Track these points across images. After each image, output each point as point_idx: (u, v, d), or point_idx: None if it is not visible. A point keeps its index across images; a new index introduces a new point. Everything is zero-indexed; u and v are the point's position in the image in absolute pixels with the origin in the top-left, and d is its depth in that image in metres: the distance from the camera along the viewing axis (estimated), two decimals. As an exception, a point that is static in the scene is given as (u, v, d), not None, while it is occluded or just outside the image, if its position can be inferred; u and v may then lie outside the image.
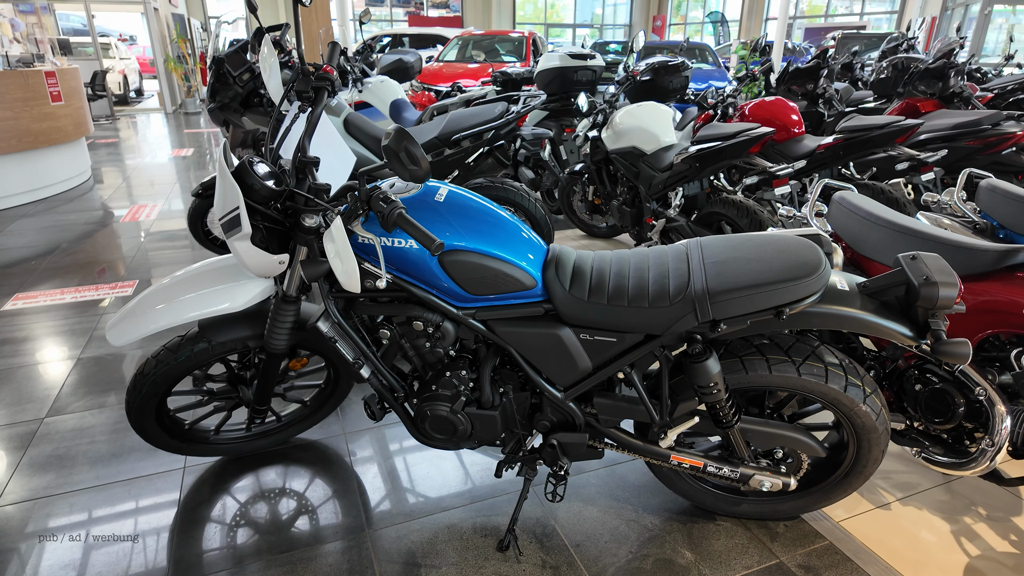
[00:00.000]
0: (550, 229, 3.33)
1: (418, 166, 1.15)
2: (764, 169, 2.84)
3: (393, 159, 1.15)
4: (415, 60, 6.02)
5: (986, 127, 3.28)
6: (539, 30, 24.84)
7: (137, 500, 1.80)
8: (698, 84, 8.87)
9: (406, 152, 1.13)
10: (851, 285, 1.38)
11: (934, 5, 14.54)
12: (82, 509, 1.76)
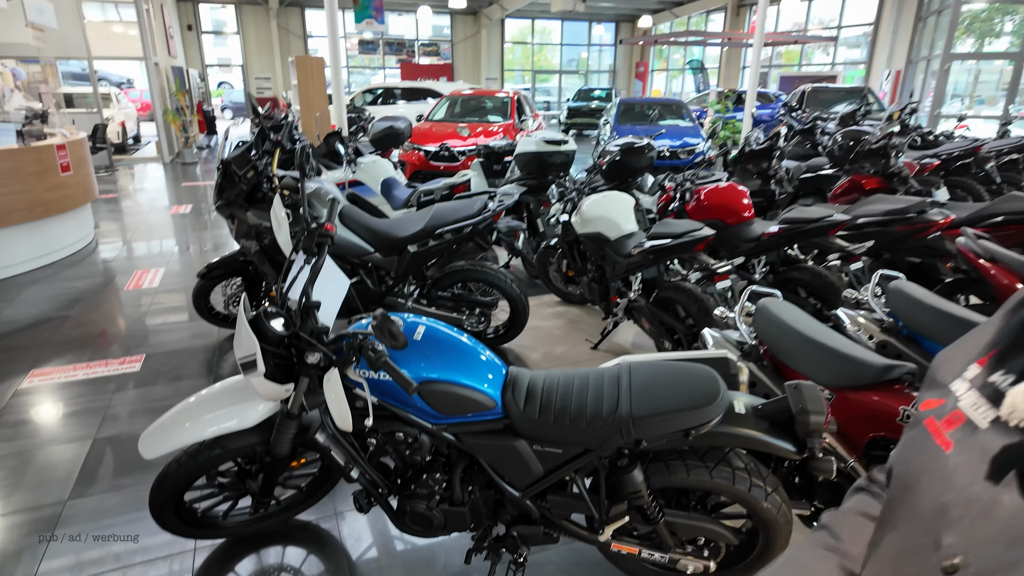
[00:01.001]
0: (526, 308, 3.68)
1: (396, 340, 1.49)
2: (707, 266, 3.21)
3: (380, 334, 1.49)
4: (405, 127, 6.43)
5: (912, 215, 3.68)
6: (526, 75, 25.71)
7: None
8: (673, 141, 9.38)
9: (388, 332, 1.47)
10: (748, 408, 1.72)
11: (899, 59, 15.35)
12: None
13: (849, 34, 17.76)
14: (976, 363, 0.58)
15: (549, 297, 4.77)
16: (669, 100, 11.24)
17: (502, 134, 8.77)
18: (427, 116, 9.98)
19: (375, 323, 1.48)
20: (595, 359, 3.79)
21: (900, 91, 14.88)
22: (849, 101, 12.52)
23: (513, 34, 24.84)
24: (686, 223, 3.28)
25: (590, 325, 4.27)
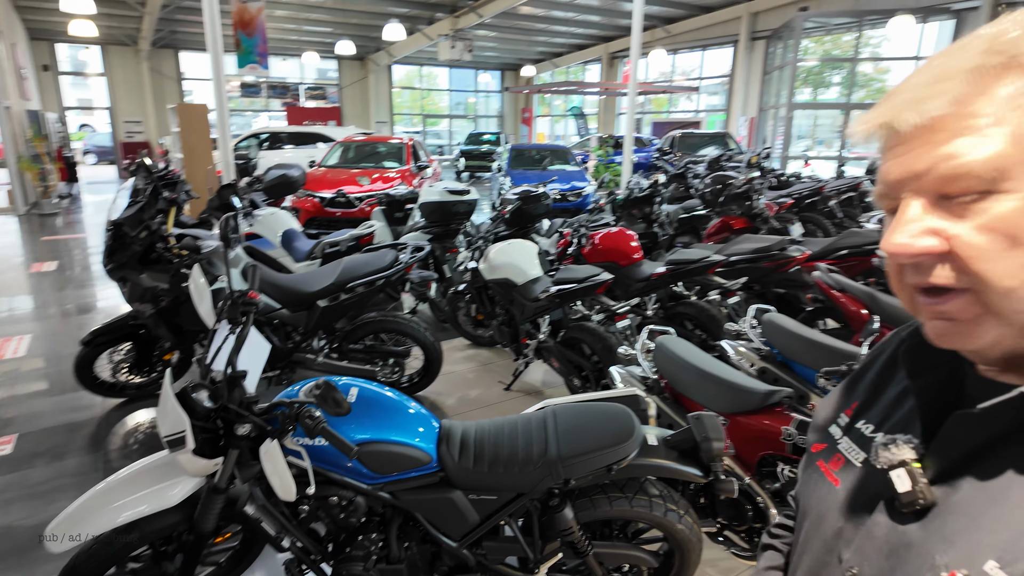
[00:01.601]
0: (440, 354, 3.75)
1: (342, 408, 1.54)
2: (607, 307, 3.48)
3: (324, 403, 1.53)
4: (299, 175, 6.32)
5: (775, 252, 4.20)
6: (415, 119, 26.05)
7: None
8: (563, 185, 9.91)
9: (333, 400, 1.52)
10: (659, 439, 1.92)
11: (752, 106, 17.28)
12: None
13: (709, 84, 19.76)
14: (845, 412, 0.74)
15: (459, 341, 4.87)
16: (556, 146, 11.90)
17: (400, 180, 8.86)
18: (320, 162, 9.86)
19: (319, 392, 1.52)
20: (509, 400, 3.92)
21: (755, 135, 16.71)
22: (714, 145, 13.89)
23: (400, 78, 25.18)
24: (587, 268, 3.55)
25: (501, 367, 4.41)
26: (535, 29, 19.10)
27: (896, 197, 0.55)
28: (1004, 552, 0.50)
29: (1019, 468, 0.52)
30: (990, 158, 0.48)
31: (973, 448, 0.56)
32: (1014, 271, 0.49)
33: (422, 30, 17.36)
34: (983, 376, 0.59)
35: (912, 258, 0.53)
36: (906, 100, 0.52)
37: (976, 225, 0.50)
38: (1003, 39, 0.50)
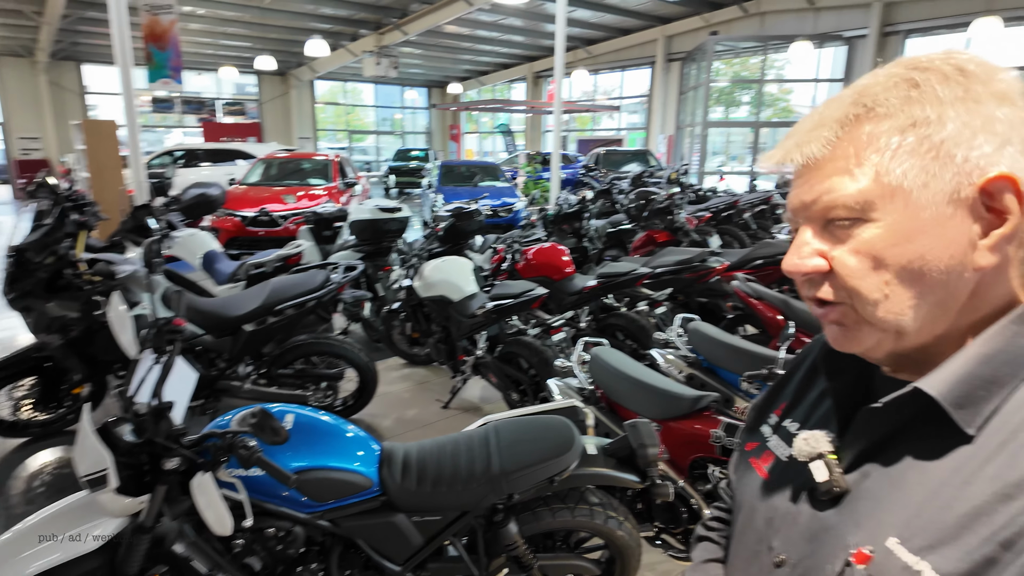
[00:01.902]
0: (375, 375, 3.69)
1: (279, 436, 1.49)
2: (543, 321, 3.55)
3: (261, 432, 1.48)
4: (219, 194, 6.07)
5: (697, 263, 4.41)
6: (340, 135, 25.60)
7: None
8: (494, 201, 10.01)
9: (270, 428, 1.48)
10: (598, 448, 1.97)
11: (670, 124, 18.11)
12: None
13: (629, 103, 20.56)
14: (775, 412, 0.82)
15: (394, 361, 4.80)
16: (486, 163, 12.01)
17: (327, 198, 8.67)
18: (241, 180, 9.51)
19: (255, 421, 1.47)
20: (447, 418, 3.90)
21: (674, 152, 17.50)
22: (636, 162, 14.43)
23: (324, 94, 24.71)
24: (522, 283, 3.60)
25: (438, 384, 4.38)
26: (460, 48, 19.29)
27: (796, 220, 0.65)
28: (903, 529, 0.56)
29: (914, 454, 0.60)
30: (857, 193, 0.58)
31: (878, 439, 0.63)
32: (878, 286, 0.58)
33: (346, 46, 17.15)
34: (887, 376, 0.68)
35: (803, 276, 0.63)
36: (794, 143, 0.62)
37: (850, 248, 0.59)
38: (867, 93, 0.59)
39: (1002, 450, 0.54)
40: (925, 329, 0.60)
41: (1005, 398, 0.56)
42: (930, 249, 0.57)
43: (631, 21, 16.67)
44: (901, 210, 0.57)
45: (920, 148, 0.56)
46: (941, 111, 0.56)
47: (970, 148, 0.56)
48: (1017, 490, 0.51)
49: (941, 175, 0.56)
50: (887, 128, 0.58)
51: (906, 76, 0.59)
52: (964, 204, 0.57)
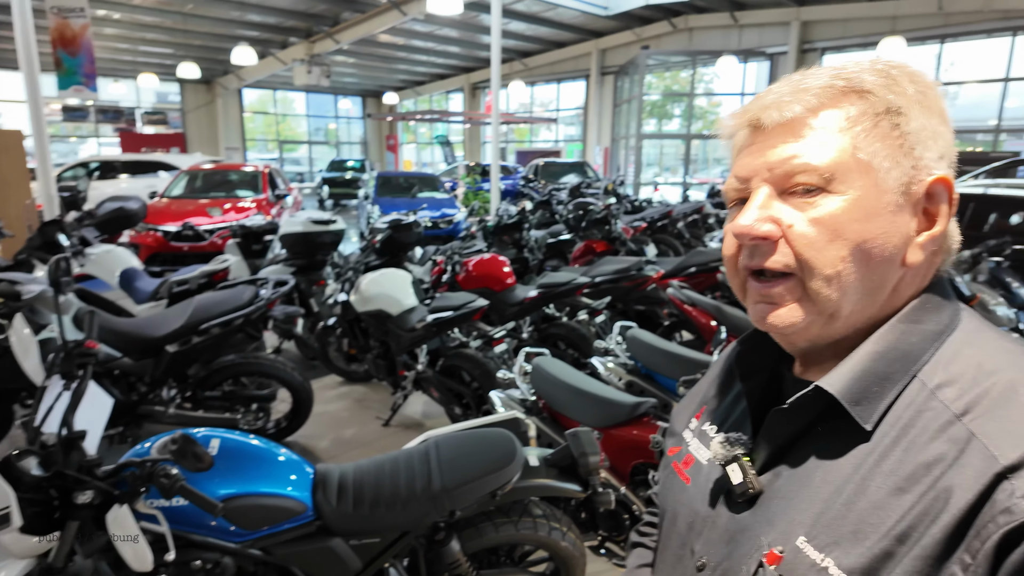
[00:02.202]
0: (309, 394, 3.56)
1: (203, 463, 1.40)
2: (485, 333, 3.53)
3: (183, 458, 1.38)
4: (139, 207, 5.76)
5: (634, 272, 4.51)
6: (271, 145, 24.83)
7: None
8: (433, 212, 9.93)
9: (193, 455, 1.38)
10: (540, 459, 1.96)
11: (606, 136, 18.55)
12: None
13: (566, 115, 20.94)
14: (695, 417, 0.82)
15: (331, 379, 4.65)
16: (424, 174, 11.92)
17: (256, 210, 8.37)
18: (163, 192, 9.06)
19: (176, 447, 1.37)
20: (388, 436, 3.81)
21: (610, 163, 17.93)
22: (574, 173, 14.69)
23: (252, 102, 23.94)
24: (462, 295, 3.57)
25: (378, 402, 4.27)
26: (395, 57, 19.14)
27: (746, 187, 0.63)
28: (810, 528, 0.58)
29: (819, 454, 0.61)
30: (828, 161, 0.58)
31: (787, 439, 0.64)
32: (834, 261, 0.58)
33: (275, 54, 16.70)
34: (796, 377, 0.69)
35: (753, 240, 0.61)
36: (771, 102, 0.61)
37: (809, 218, 0.59)
38: (845, 72, 0.61)
39: (896, 445, 0.56)
40: (853, 317, 0.61)
41: (898, 394, 0.58)
42: (882, 232, 0.58)
43: (565, 34, 17.01)
44: (869, 187, 0.58)
45: (892, 134, 0.59)
46: (910, 106, 0.60)
47: (925, 148, 0.59)
48: (909, 483, 0.53)
49: (903, 164, 0.59)
50: (867, 107, 0.59)
51: (878, 67, 0.61)
52: (912, 199, 0.60)
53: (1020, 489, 0.48)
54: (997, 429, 0.52)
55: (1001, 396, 0.53)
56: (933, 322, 0.61)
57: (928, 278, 0.64)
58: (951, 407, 0.55)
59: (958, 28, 12.39)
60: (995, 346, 0.59)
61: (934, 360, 0.59)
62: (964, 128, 14.06)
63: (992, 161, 9.53)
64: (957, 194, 0.61)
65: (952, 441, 0.53)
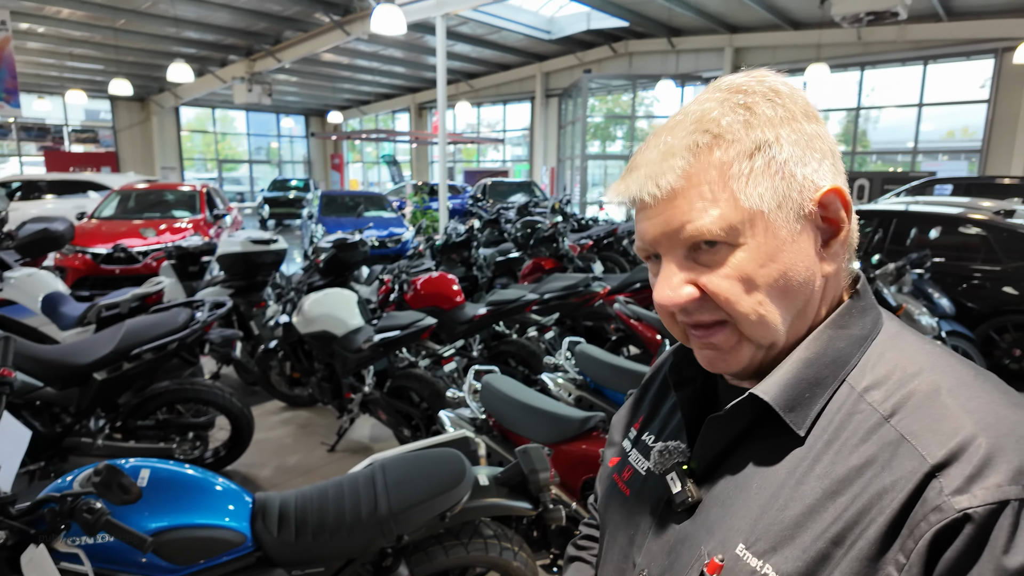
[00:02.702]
0: (249, 421, 3.42)
1: (130, 495, 1.31)
2: (434, 352, 3.48)
3: (107, 491, 1.29)
4: (64, 229, 5.46)
5: (581, 289, 4.56)
6: (210, 164, 24.07)
7: None
8: (380, 231, 9.81)
9: (118, 487, 1.29)
10: (490, 478, 1.93)
11: (552, 157, 18.85)
12: None
13: (513, 135, 21.19)
14: (633, 426, 0.82)
15: (273, 404, 4.48)
16: (371, 193, 11.79)
17: (193, 231, 8.07)
18: (93, 213, 8.62)
19: (100, 479, 1.28)
20: (334, 461, 3.68)
21: (556, 183, 18.21)
22: (521, 192, 14.84)
23: (191, 121, 23.19)
24: (410, 314, 3.52)
25: (323, 426, 4.14)
26: (340, 76, 18.96)
27: (654, 250, 0.63)
28: (748, 535, 0.58)
29: (755, 460, 0.62)
30: (720, 219, 0.58)
31: (724, 447, 0.65)
32: (755, 306, 0.59)
33: (214, 72, 16.26)
34: (729, 384, 0.70)
35: (679, 307, 0.62)
36: (646, 175, 0.60)
37: (722, 274, 0.59)
38: (707, 118, 0.60)
39: (828, 448, 0.57)
40: (790, 338, 0.63)
41: (829, 398, 0.60)
42: (791, 265, 0.59)
43: (510, 57, 17.27)
44: (763, 231, 0.59)
45: (769, 170, 0.59)
46: (776, 132, 0.60)
47: (804, 165, 0.60)
48: (842, 486, 0.54)
49: (789, 194, 0.59)
50: (736, 153, 0.59)
51: (737, 100, 0.61)
52: (808, 218, 0.61)
53: (949, 487, 0.50)
54: (923, 429, 0.53)
55: (925, 397, 0.55)
56: (858, 327, 0.63)
57: (841, 278, 0.65)
58: (879, 409, 0.56)
59: (876, 56, 13.29)
60: (916, 348, 0.61)
61: (861, 364, 0.60)
62: (885, 150, 15.01)
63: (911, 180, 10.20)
64: (847, 195, 0.61)
65: (882, 443, 0.54)
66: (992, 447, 0.50)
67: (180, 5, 11.24)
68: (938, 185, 9.60)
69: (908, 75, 13.52)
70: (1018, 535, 0.47)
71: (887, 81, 14.10)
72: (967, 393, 0.55)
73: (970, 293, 4.92)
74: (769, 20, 12.66)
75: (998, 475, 0.49)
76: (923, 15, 11.29)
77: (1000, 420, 0.52)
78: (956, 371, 0.57)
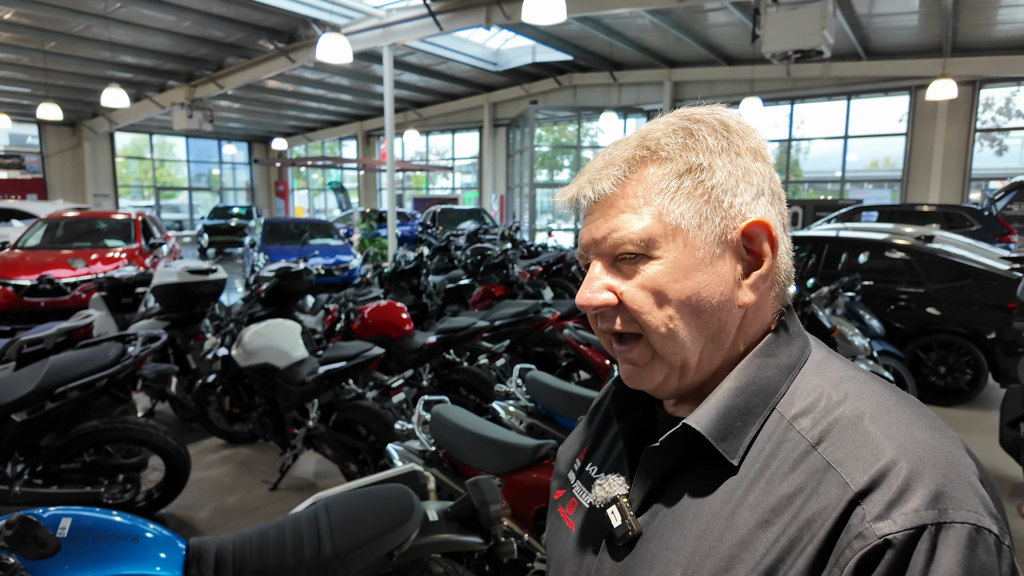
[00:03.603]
0: (185, 460, 3.24)
1: (47, 548, 1.21)
2: (381, 383, 3.41)
3: (19, 545, 1.18)
4: (-17, 259, 5.13)
5: (531, 315, 4.58)
6: (148, 192, 23.18)
7: None
8: (327, 259, 9.63)
9: (33, 539, 1.19)
10: (440, 513, 1.88)
11: (501, 185, 19.04)
12: None
13: (462, 163, 21.32)
14: (578, 457, 0.80)
15: (212, 441, 4.27)
16: (316, 220, 11.59)
17: (127, 261, 7.71)
18: (16, 243, 8.14)
19: (11, 533, 1.17)
20: (277, 501, 3.52)
21: (506, 210, 18.37)
22: (471, 220, 14.90)
23: (126, 147, 22.34)
24: (356, 344, 3.43)
25: (265, 464, 3.96)
26: (285, 104, 18.71)
27: (588, 257, 0.66)
28: (686, 568, 0.58)
29: (691, 491, 0.62)
30: (641, 230, 0.61)
31: (661, 478, 0.65)
32: (664, 320, 0.61)
33: (151, 97, 15.77)
34: (668, 414, 0.70)
35: (595, 309, 0.64)
36: (586, 180, 0.65)
37: (637, 283, 0.62)
38: (650, 137, 0.64)
39: (760, 478, 0.58)
40: (704, 364, 0.64)
41: (760, 427, 0.61)
42: (705, 286, 0.61)
43: (458, 87, 17.47)
44: (680, 248, 0.61)
45: (695, 192, 0.62)
46: (712, 160, 0.63)
47: (734, 195, 0.63)
48: (773, 515, 0.55)
49: (712, 218, 0.62)
50: (668, 171, 0.62)
51: (682, 125, 0.64)
52: (731, 246, 0.63)
53: (871, 513, 0.51)
54: (847, 456, 0.54)
55: (849, 424, 0.56)
56: (785, 355, 0.64)
57: (771, 312, 0.67)
58: (807, 436, 0.57)
59: (804, 91, 14.13)
60: (841, 375, 0.62)
61: (789, 392, 0.62)
62: (816, 179, 15.88)
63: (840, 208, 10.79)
64: (776, 231, 0.64)
65: (810, 471, 0.55)
66: (911, 472, 0.51)
67: (116, 29, 10.90)
68: (865, 212, 10.20)
69: (834, 109, 14.42)
70: (935, 560, 0.48)
71: (815, 114, 15.00)
72: (888, 419, 0.56)
73: (898, 314, 5.20)
74: (705, 56, 13.29)
75: (916, 500, 0.50)
76: (845, 54, 12.09)
77: (919, 445, 0.54)
78: (879, 396, 0.59)
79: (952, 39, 10.99)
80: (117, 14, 10.40)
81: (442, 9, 9.93)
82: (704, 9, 10.27)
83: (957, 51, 11.62)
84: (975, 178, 13.05)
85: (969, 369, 4.96)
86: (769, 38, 7.28)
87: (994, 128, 13.39)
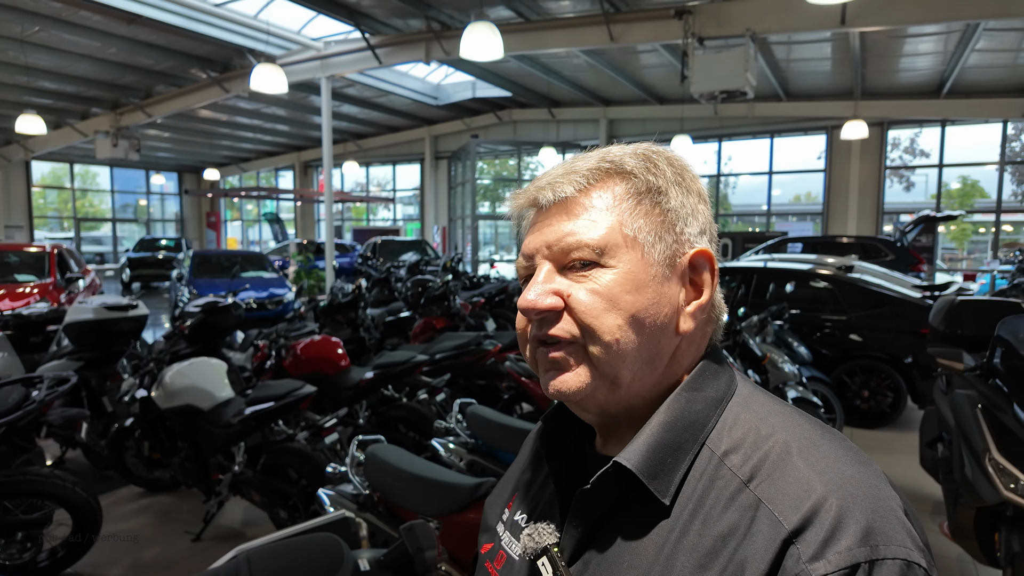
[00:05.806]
0: (96, 512, 2.98)
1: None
2: (313, 423, 3.26)
3: None
4: None
5: (473, 347, 4.52)
6: (67, 223, 21.87)
7: None
8: (259, 292, 9.28)
9: None
10: (372, 562, 1.78)
11: (443, 216, 19.03)
12: None
13: (403, 195, 21.22)
14: (507, 506, 0.76)
15: (129, 490, 3.95)
16: (249, 252, 11.21)
17: (39, 297, 7.19)
18: (-91, 279, 7.45)
19: None
20: (199, 552, 3.27)
21: (448, 242, 18.32)
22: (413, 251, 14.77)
23: (45, 176, 21.10)
24: (287, 382, 3.28)
25: (187, 512, 3.68)
26: (218, 133, 18.19)
27: (532, 264, 0.65)
28: None
29: (624, 535, 0.59)
30: (598, 237, 0.61)
31: (593, 522, 0.62)
32: (612, 328, 0.60)
33: (72, 125, 15.01)
34: (598, 453, 0.67)
35: (539, 313, 0.62)
36: (546, 183, 0.65)
37: (587, 289, 0.61)
38: (610, 155, 0.66)
39: (694, 518, 0.56)
40: (634, 385, 0.62)
41: (691, 464, 0.59)
42: (653, 303, 0.61)
43: (399, 120, 17.48)
44: (636, 260, 0.61)
45: (654, 211, 0.63)
46: (668, 187, 0.65)
47: (685, 224, 0.65)
48: (709, 559, 0.53)
49: (666, 238, 0.63)
50: (631, 187, 0.64)
51: (642, 151, 0.67)
52: (678, 271, 0.64)
53: (805, 553, 0.50)
54: (778, 493, 0.53)
55: (778, 459, 0.56)
56: (713, 389, 0.63)
57: (703, 347, 0.67)
58: (738, 474, 0.56)
59: (731, 130, 14.92)
60: (768, 409, 0.62)
61: (719, 427, 0.61)
62: (744, 212, 16.67)
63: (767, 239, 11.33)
64: (718, 265, 0.67)
65: (742, 509, 0.54)
66: (840, 509, 0.51)
67: (33, 53, 10.36)
68: (790, 243, 10.73)
69: (759, 147, 15.27)
70: None
71: (742, 151, 15.83)
72: (815, 453, 0.56)
73: (823, 341, 5.44)
74: (638, 95, 13.85)
75: (848, 538, 0.50)
76: (767, 95, 12.87)
77: (846, 480, 0.54)
78: (804, 430, 0.59)
79: (862, 84, 11.89)
80: (35, 38, 9.90)
81: (381, 43, 9.96)
82: (636, 51, 10.73)
83: (867, 95, 12.58)
84: (887, 211, 14.05)
85: (890, 392, 5.22)
86: (697, 79, 7.66)
87: (901, 166, 14.52)
